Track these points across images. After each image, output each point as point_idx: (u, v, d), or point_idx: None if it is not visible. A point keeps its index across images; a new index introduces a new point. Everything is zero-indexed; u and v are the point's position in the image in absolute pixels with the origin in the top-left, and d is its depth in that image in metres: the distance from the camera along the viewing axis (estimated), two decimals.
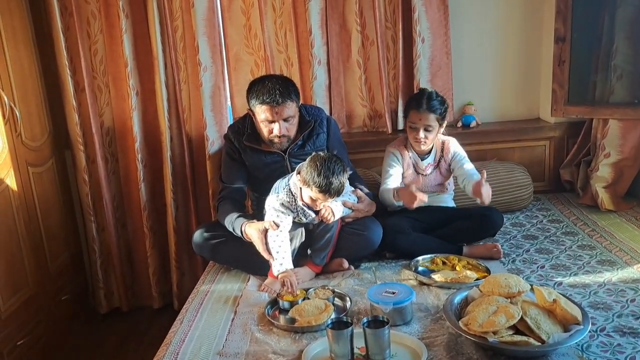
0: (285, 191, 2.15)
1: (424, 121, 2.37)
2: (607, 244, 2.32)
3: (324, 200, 2.06)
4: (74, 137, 2.90)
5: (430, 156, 2.50)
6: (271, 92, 2.18)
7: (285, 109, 2.21)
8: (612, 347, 1.56)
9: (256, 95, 2.21)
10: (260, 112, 2.23)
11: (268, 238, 2.10)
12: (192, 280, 3.02)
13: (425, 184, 2.51)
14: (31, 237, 2.65)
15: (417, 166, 2.51)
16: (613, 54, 2.72)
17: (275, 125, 2.23)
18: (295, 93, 2.25)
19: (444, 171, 2.52)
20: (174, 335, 1.81)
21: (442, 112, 2.40)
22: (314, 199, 2.07)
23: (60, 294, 2.91)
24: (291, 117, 2.25)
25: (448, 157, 2.49)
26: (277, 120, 2.22)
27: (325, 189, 2.00)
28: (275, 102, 2.18)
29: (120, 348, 2.88)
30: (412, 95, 2.56)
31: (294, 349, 1.66)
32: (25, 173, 2.64)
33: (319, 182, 1.99)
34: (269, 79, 2.24)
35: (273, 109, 2.19)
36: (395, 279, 2.13)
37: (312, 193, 2.05)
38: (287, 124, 2.25)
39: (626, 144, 2.69)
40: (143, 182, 2.96)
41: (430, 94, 2.41)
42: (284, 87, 2.21)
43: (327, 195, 2.02)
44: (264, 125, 2.26)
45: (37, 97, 2.79)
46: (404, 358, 1.58)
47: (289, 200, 2.14)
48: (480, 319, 1.57)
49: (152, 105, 2.90)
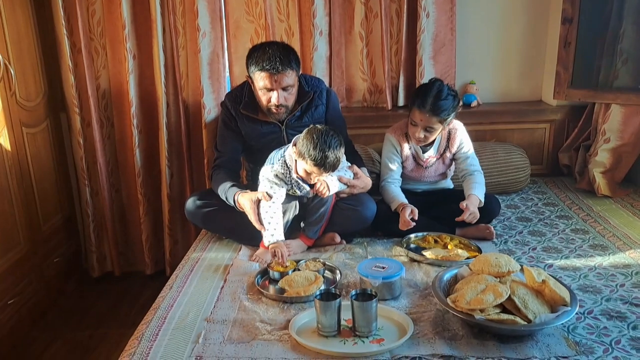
0: (280, 162, 2.13)
1: (425, 122, 2.22)
2: (600, 229, 2.31)
3: (319, 174, 2.03)
4: (70, 99, 2.86)
5: (432, 148, 2.37)
6: (271, 59, 2.13)
7: (284, 78, 2.16)
8: (598, 330, 1.57)
9: (256, 62, 2.16)
10: (259, 79, 2.19)
11: (260, 209, 2.09)
12: (184, 248, 3.01)
13: (426, 175, 2.43)
14: (23, 197, 2.64)
15: (418, 157, 2.39)
16: (620, 37, 2.68)
17: (274, 94, 2.19)
18: (296, 62, 2.21)
19: (448, 161, 2.42)
20: (162, 300, 1.81)
21: (448, 114, 2.22)
22: (308, 172, 2.04)
23: (53, 256, 2.92)
24: (290, 87, 2.21)
25: (453, 147, 2.36)
26: (276, 88, 2.18)
27: (320, 162, 1.97)
28: (275, 70, 2.13)
29: (112, 312, 2.90)
30: (420, 87, 2.35)
31: (281, 319, 1.66)
32: (19, 133, 2.62)
33: (314, 156, 1.97)
34: (270, 46, 2.19)
35: (272, 77, 2.15)
36: (386, 254, 2.13)
37: (306, 166, 2.02)
38: (285, 93, 2.21)
39: (627, 129, 2.67)
40: (138, 147, 2.94)
41: (439, 93, 2.19)
42: (285, 55, 2.16)
43: (322, 169, 2.00)
44: (262, 93, 2.22)
45: (33, 57, 2.75)
46: (390, 332, 1.58)
47: (284, 172, 2.12)
48: (468, 296, 1.56)
49: (149, 70, 2.86)
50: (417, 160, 2.39)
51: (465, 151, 2.36)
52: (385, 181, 2.39)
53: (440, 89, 2.21)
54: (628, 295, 1.75)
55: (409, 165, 2.40)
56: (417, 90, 2.34)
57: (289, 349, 1.51)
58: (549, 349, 1.48)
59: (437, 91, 2.20)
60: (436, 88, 2.22)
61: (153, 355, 1.49)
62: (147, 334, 1.60)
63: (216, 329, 1.62)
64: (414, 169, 2.41)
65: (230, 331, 1.60)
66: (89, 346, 2.59)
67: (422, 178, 2.43)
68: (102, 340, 2.63)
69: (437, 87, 2.22)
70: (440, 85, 2.23)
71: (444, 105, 2.19)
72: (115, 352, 2.49)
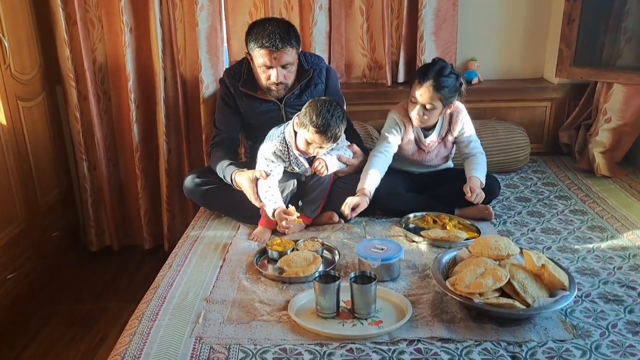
0: (280, 139, 2.12)
1: (425, 98, 2.15)
2: (599, 210, 2.32)
3: (320, 144, 2.02)
4: (65, 72, 2.82)
5: (434, 132, 2.32)
6: (271, 36, 2.09)
7: (284, 55, 2.13)
8: (595, 313, 1.58)
9: (255, 39, 2.13)
10: (259, 57, 2.15)
11: (259, 187, 2.08)
12: (183, 223, 3.03)
13: (428, 159, 2.38)
14: (20, 171, 2.62)
15: (420, 141, 2.34)
16: (624, 15, 2.63)
17: (273, 72, 2.16)
18: (296, 39, 2.17)
19: (450, 144, 2.37)
20: (162, 279, 1.81)
21: (449, 93, 2.16)
22: (309, 142, 2.03)
23: (51, 230, 2.92)
24: (290, 64, 2.17)
25: (455, 131, 2.31)
26: (275, 66, 2.14)
27: (322, 129, 1.97)
28: (275, 47, 2.09)
29: (110, 286, 2.92)
30: (423, 65, 2.34)
31: (280, 299, 1.67)
32: (15, 107, 2.58)
33: (316, 122, 1.97)
34: (269, 22, 2.15)
35: (272, 54, 2.11)
36: (385, 234, 2.13)
37: (308, 135, 2.01)
38: (285, 71, 2.18)
39: (628, 109, 2.65)
40: (135, 122, 2.90)
41: (441, 69, 2.15)
42: (284, 31, 2.12)
43: (324, 138, 1.99)
44: (262, 71, 2.19)
45: (28, 29, 2.69)
46: (389, 314, 1.59)
47: (282, 149, 2.10)
48: (467, 279, 1.57)
49: (146, 44, 2.81)
50: (419, 145, 2.36)
51: (467, 135, 2.33)
52: (376, 150, 2.27)
53: (444, 66, 2.18)
54: (625, 278, 1.76)
55: (410, 149, 2.36)
56: (420, 67, 2.30)
57: (288, 330, 1.52)
58: (546, 332, 1.49)
59: (439, 67, 2.17)
60: (439, 65, 2.19)
61: (154, 335, 1.50)
62: (148, 313, 1.60)
63: (215, 309, 1.62)
64: (416, 152, 2.37)
65: (229, 312, 1.61)
66: (88, 320, 2.61)
67: (423, 162, 2.40)
68: (101, 314, 2.65)
69: (440, 64, 2.19)
70: (443, 63, 2.20)
71: (446, 82, 2.15)
72: (115, 326, 2.53)
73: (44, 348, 2.41)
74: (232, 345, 1.45)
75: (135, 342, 1.46)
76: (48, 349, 2.41)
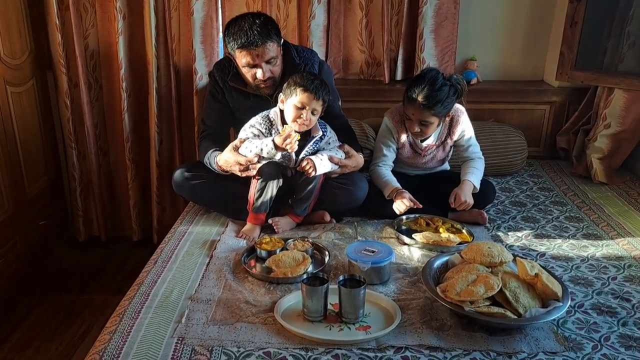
0: (263, 115, 2.11)
1: (419, 116, 2.10)
2: (595, 217, 2.28)
3: (309, 104, 1.98)
4: (56, 58, 2.75)
5: (431, 137, 2.27)
6: (249, 34, 2.01)
7: (266, 51, 2.05)
8: (587, 325, 1.54)
9: (234, 39, 2.04)
10: (241, 57, 2.08)
11: (241, 151, 2.05)
12: (173, 215, 2.99)
13: (423, 162, 2.34)
14: (8, 158, 2.57)
15: (416, 145, 2.30)
16: (628, 20, 2.59)
17: (259, 70, 2.09)
18: (275, 32, 2.08)
19: (448, 148, 2.32)
20: (146, 276, 1.76)
21: (443, 107, 2.09)
22: (299, 106, 1.99)
23: (38, 218, 2.87)
24: (274, 58, 2.10)
25: (455, 135, 2.26)
26: (259, 63, 2.07)
27: (309, 86, 1.97)
28: (254, 45, 2.02)
29: (97, 277, 2.87)
30: (414, 78, 2.18)
31: (267, 300, 1.63)
32: (3, 91, 2.53)
33: (301, 82, 1.98)
34: (245, 20, 2.04)
35: (253, 52, 2.04)
36: (376, 236, 2.09)
37: (296, 99, 1.99)
38: (270, 66, 2.10)
39: (628, 116, 2.61)
40: (127, 112, 2.85)
41: (432, 83, 2.05)
42: (262, 27, 2.03)
43: (312, 95, 1.97)
44: (246, 71, 2.12)
45: (18, 12, 2.63)
46: (378, 319, 1.55)
47: (263, 123, 2.09)
48: (458, 287, 1.53)
49: (140, 32, 2.74)
50: (415, 149, 2.31)
51: (467, 138, 2.29)
52: (376, 165, 2.30)
53: (434, 79, 2.08)
54: (619, 289, 1.73)
55: (405, 152, 2.32)
56: (409, 82, 2.19)
57: (273, 333, 1.47)
58: (537, 343, 1.45)
59: (429, 82, 2.07)
60: (428, 78, 2.09)
61: (134, 334, 1.45)
62: (129, 311, 1.56)
63: (200, 308, 1.58)
64: (411, 156, 2.33)
65: (214, 312, 1.56)
66: (73, 311, 2.56)
67: (418, 164, 2.35)
68: (86, 305, 2.61)
69: (429, 76, 2.09)
70: (433, 74, 2.10)
71: (438, 96, 2.06)
72: (99, 317, 2.49)
73: (27, 339, 2.36)
74: (215, 347, 1.41)
75: (114, 340, 1.42)
76: (30, 339, 2.36)
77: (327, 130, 2.15)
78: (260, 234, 2.09)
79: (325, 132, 2.13)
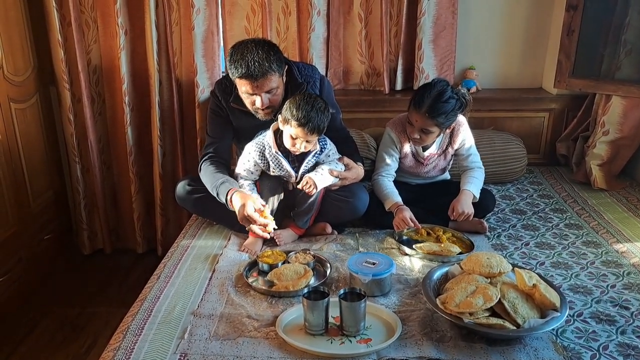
0: (257, 140, 2.14)
1: (421, 124, 2.13)
2: (594, 224, 2.29)
3: (304, 137, 1.99)
4: (59, 73, 2.79)
5: (433, 145, 2.30)
6: (250, 65, 2.00)
7: (266, 82, 2.05)
8: (586, 334, 1.56)
9: (235, 67, 2.04)
10: (241, 85, 2.09)
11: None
12: (176, 227, 3.01)
13: (425, 171, 2.36)
14: (12, 173, 2.59)
15: (418, 154, 2.33)
16: (625, 27, 2.61)
17: (257, 99, 2.09)
18: (277, 63, 2.06)
19: (449, 157, 2.35)
20: (149, 291, 1.79)
21: (446, 119, 2.11)
22: (294, 137, 2.01)
23: (43, 233, 2.89)
24: (274, 89, 2.10)
25: (456, 144, 2.29)
26: (259, 93, 2.08)
27: (304, 122, 1.95)
28: (254, 77, 2.02)
29: (101, 290, 2.89)
30: (422, 86, 2.22)
31: (269, 314, 1.65)
32: (7, 108, 2.55)
33: (297, 115, 1.95)
34: (247, 49, 2.03)
35: (253, 83, 2.04)
36: (378, 246, 2.11)
37: (292, 130, 1.99)
38: (269, 95, 2.11)
39: (626, 122, 2.62)
40: (130, 125, 2.88)
41: (440, 94, 2.08)
42: (264, 58, 2.01)
43: (307, 130, 1.97)
44: (246, 97, 2.13)
45: (21, 29, 2.66)
46: (378, 331, 1.57)
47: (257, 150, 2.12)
48: (457, 298, 1.55)
49: (142, 46, 2.78)
50: (417, 158, 2.34)
51: (467, 147, 2.31)
52: (379, 175, 2.33)
53: (442, 91, 2.10)
54: (618, 297, 1.74)
55: (407, 161, 2.34)
56: (418, 88, 2.22)
57: (275, 348, 1.49)
58: (536, 353, 1.47)
59: (437, 92, 2.10)
60: (437, 89, 2.11)
61: (137, 351, 1.48)
62: (133, 327, 1.58)
63: (202, 323, 1.60)
64: (413, 165, 2.36)
65: (216, 327, 1.59)
66: (78, 324, 2.58)
67: (420, 174, 2.38)
68: (90, 319, 2.62)
69: (438, 88, 2.11)
70: (442, 86, 2.12)
71: (443, 108, 2.09)
72: (104, 330, 2.51)
73: (33, 352, 2.38)
74: None
75: (118, 358, 1.44)
76: (36, 353, 2.38)
77: (327, 143, 2.17)
78: (262, 247, 2.11)
79: (325, 146, 2.15)
